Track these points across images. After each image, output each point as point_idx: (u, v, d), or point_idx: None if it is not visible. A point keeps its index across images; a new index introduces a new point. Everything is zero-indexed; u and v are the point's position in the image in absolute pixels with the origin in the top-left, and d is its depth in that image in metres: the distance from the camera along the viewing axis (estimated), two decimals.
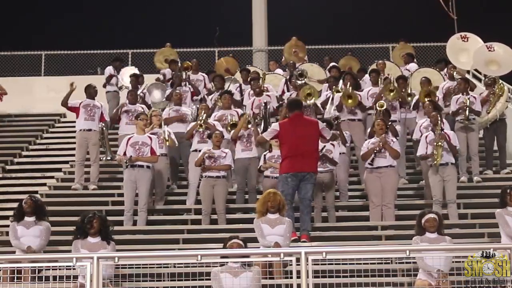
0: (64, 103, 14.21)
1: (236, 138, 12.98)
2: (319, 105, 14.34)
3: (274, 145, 12.12)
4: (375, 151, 11.91)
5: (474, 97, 14.08)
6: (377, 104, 13.32)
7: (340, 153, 12.79)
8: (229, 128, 13.27)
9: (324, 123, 11.93)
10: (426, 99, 13.72)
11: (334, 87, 14.72)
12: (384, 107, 13.19)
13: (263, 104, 13.69)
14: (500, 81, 14.96)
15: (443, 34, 17.44)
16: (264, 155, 12.39)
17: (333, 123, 13.08)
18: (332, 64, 17.08)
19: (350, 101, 13.99)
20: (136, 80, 15.87)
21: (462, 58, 16.41)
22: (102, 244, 9.39)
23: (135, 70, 17.08)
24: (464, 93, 13.64)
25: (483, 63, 15.60)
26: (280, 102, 14.65)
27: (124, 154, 12.19)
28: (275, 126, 11.33)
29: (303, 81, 14.79)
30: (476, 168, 13.79)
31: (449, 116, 13.93)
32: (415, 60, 18.00)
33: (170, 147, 13.23)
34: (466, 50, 16.40)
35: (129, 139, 12.32)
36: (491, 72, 15.28)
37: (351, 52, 19.40)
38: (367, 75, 15.70)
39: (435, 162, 11.96)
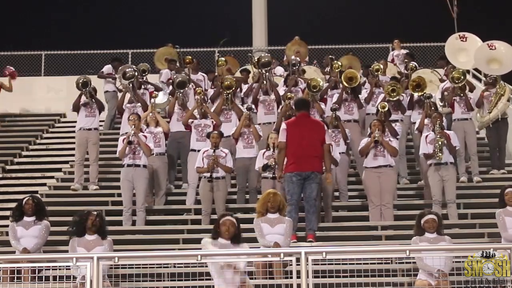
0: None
1: (238, 136, 12.99)
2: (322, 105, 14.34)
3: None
4: (372, 146, 11.91)
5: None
6: (379, 105, 13.32)
7: (340, 153, 12.81)
8: (224, 89, 13.81)
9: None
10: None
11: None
12: (386, 108, 13.18)
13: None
14: (502, 81, 14.93)
15: (443, 34, 17.42)
16: (263, 154, 12.36)
17: (332, 116, 13.11)
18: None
19: (352, 82, 14.03)
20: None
21: (461, 58, 16.40)
22: (98, 240, 9.38)
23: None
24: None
25: (485, 61, 15.58)
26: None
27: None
28: (282, 126, 11.35)
29: (296, 69, 14.86)
30: (475, 168, 13.79)
31: (447, 116, 13.97)
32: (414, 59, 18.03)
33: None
34: (465, 50, 16.38)
35: (124, 138, 12.40)
36: (492, 71, 15.27)
37: (352, 52, 19.38)
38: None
39: (438, 157, 11.96)
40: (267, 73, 14.45)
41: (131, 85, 14.44)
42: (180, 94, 14.17)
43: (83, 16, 28.88)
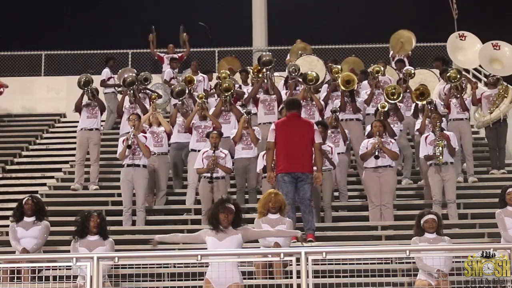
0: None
1: (238, 140, 12.98)
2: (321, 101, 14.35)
3: None
4: (373, 153, 11.91)
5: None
6: (379, 105, 13.31)
7: (339, 153, 12.81)
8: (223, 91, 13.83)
9: (319, 125, 11.93)
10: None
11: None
12: (386, 108, 13.17)
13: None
14: (505, 83, 14.92)
15: (443, 34, 17.43)
16: (263, 155, 12.35)
17: (333, 116, 13.12)
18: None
19: (349, 85, 14.02)
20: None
21: (460, 56, 16.45)
22: (100, 241, 9.41)
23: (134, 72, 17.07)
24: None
25: (487, 60, 15.61)
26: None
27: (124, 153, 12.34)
28: (272, 126, 11.33)
29: (296, 77, 14.84)
30: (470, 168, 13.80)
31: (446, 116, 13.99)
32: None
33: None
34: (463, 49, 16.44)
35: (124, 140, 12.40)
36: (494, 71, 15.29)
37: (355, 54, 19.36)
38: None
39: (439, 160, 11.96)
40: (268, 72, 14.43)
41: (131, 91, 14.45)
42: (180, 103, 14.13)
43: (83, 16, 28.87)
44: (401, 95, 13.71)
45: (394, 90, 13.70)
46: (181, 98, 14.20)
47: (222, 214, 8.45)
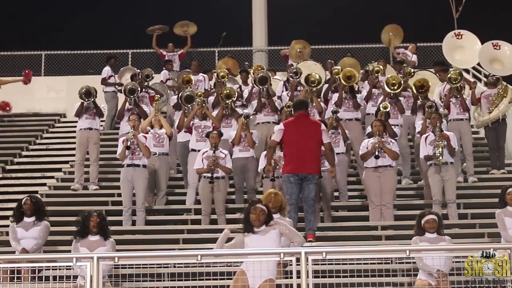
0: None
1: (238, 143, 12.97)
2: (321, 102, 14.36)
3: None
4: (373, 153, 11.90)
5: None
6: (381, 105, 13.30)
7: (339, 153, 12.80)
8: (223, 97, 13.80)
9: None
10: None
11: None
12: (388, 109, 13.14)
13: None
14: (504, 83, 14.92)
15: (443, 34, 17.41)
16: (265, 155, 12.34)
17: (333, 116, 13.11)
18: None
19: (350, 80, 14.02)
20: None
21: (457, 56, 16.42)
22: (101, 241, 9.42)
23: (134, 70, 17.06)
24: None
25: (487, 60, 15.59)
26: (281, 106, 14.52)
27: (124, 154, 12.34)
28: (280, 126, 11.33)
29: (298, 79, 14.84)
30: (470, 168, 13.80)
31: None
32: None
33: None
34: (461, 47, 16.40)
35: (124, 140, 12.39)
36: (494, 71, 15.28)
37: (350, 53, 19.35)
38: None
39: (439, 160, 11.96)
40: (264, 89, 14.37)
41: (133, 100, 14.42)
42: (188, 109, 14.07)
43: (83, 16, 28.87)
44: (402, 84, 13.73)
45: (394, 81, 13.73)
46: (189, 105, 14.10)
47: (253, 215, 8.43)
